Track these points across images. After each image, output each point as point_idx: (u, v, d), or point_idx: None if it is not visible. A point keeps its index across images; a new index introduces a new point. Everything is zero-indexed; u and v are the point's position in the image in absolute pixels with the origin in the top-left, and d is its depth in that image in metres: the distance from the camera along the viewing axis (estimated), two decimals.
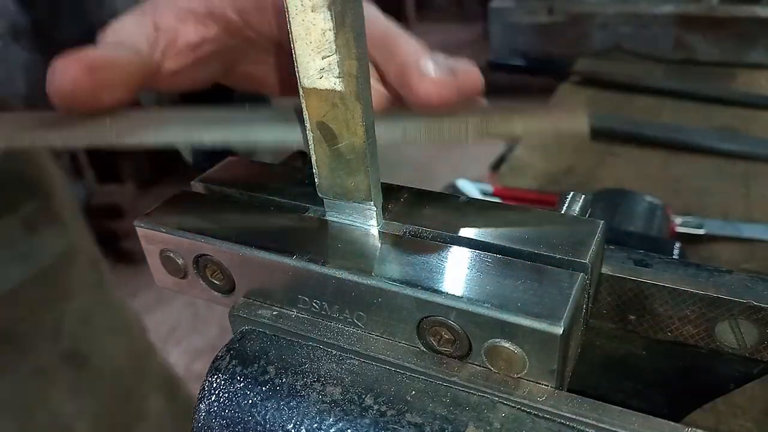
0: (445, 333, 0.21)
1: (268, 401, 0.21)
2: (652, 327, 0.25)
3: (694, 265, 0.24)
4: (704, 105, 0.91)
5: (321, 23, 0.20)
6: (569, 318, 0.19)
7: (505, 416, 0.20)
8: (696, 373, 0.25)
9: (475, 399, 0.20)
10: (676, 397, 0.27)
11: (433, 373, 0.21)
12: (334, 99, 0.22)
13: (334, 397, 0.21)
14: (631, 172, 0.77)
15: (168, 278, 0.27)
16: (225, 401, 0.22)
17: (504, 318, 0.20)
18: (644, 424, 0.19)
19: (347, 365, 0.22)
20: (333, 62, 0.21)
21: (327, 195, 0.25)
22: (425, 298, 0.21)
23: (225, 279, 0.25)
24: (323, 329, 0.23)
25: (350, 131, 0.22)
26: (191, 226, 0.26)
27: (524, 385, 0.20)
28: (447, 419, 0.20)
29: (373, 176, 0.23)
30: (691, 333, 0.24)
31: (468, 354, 0.21)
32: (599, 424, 0.19)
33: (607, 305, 0.25)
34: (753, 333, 0.23)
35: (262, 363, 0.22)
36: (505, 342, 0.20)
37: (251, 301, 0.25)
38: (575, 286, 0.20)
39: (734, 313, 0.23)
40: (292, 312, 0.24)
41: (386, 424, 0.20)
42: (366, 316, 0.23)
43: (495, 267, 0.22)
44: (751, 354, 0.23)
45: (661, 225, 0.58)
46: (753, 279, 0.23)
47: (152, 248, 0.27)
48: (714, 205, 0.69)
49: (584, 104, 0.83)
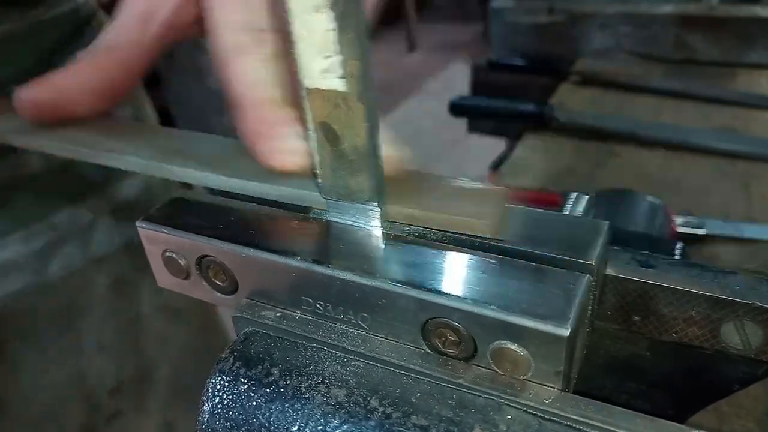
0: (450, 335, 0.21)
1: (272, 403, 0.21)
2: (657, 328, 0.25)
3: (699, 266, 0.24)
4: (704, 105, 0.91)
5: (323, 23, 0.20)
6: (575, 320, 0.19)
7: (511, 418, 0.20)
8: (701, 374, 0.25)
9: (481, 401, 0.20)
10: (681, 398, 0.26)
11: (438, 375, 0.21)
12: (336, 99, 0.22)
13: (339, 399, 0.21)
14: (631, 172, 0.77)
15: (170, 279, 0.27)
16: (229, 403, 0.22)
17: (510, 320, 0.19)
18: (649, 426, 0.19)
19: (352, 367, 0.22)
20: (335, 63, 0.21)
21: (330, 196, 0.25)
22: (430, 300, 0.21)
23: (228, 280, 0.25)
24: (327, 331, 0.23)
25: (353, 132, 0.22)
26: (193, 227, 0.25)
27: (530, 387, 0.20)
28: (453, 421, 0.19)
29: (377, 177, 0.23)
30: (696, 334, 0.24)
31: (473, 356, 0.21)
32: (605, 426, 0.19)
33: (611, 306, 0.25)
34: (758, 334, 0.23)
35: (266, 365, 0.22)
36: (510, 344, 0.20)
37: (254, 302, 0.25)
38: (581, 288, 0.20)
39: (739, 315, 0.23)
40: (295, 313, 0.24)
41: (391, 426, 0.20)
42: (370, 318, 0.22)
43: (500, 268, 0.22)
44: (756, 355, 0.23)
45: (663, 225, 0.58)
46: (758, 280, 0.23)
47: (154, 249, 0.27)
48: (714, 205, 0.69)
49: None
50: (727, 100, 0.91)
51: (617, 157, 0.80)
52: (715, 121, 0.87)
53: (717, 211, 0.67)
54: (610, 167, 0.78)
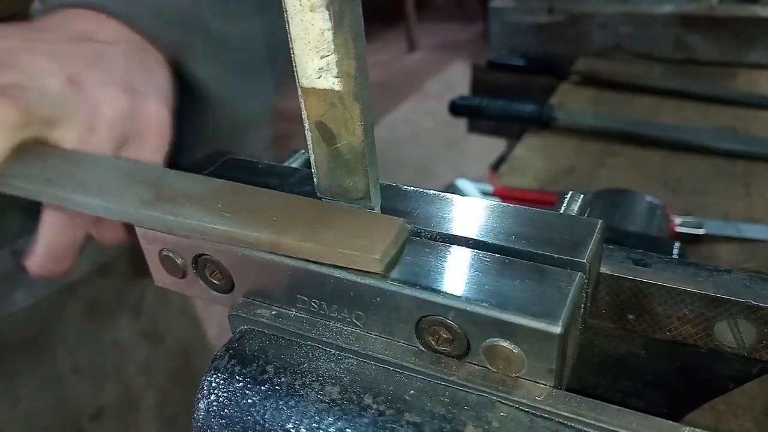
0: (443, 332, 0.21)
1: (267, 401, 0.21)
2: (651, 326, 0.25)
3: (693, 265, 0.24)
4: (704, 105, 0.91)
5: (319, 23, 0.20)
6: (567, 317, 0.19)
7: (503, 415, 0.20)
8: (695, 372, 0.25)
9: (474, 398, 0.20)
10: (675, 396, 0.27)
11: (431, 373, 0.21)
12: (332, 99, 0.22)
13: (333, 397, 0.21)
14: (631, 172, 0.77)
15: (167, 278, 0.27)
16: (224, 401, 0.22)
17: (502, 317, 0.20)
18: (643, 424, 0.19)
19: (346, 364, 0.22)
20: (331, 62, 0.21)
21: (325, 195, 0.25)
22: (424, 298, 0.21)
23: (224, 278, 0.25)
24: (322, 328, 0.23)
25: (349, 131, 0.22)
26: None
27: (523, 385, 0.20)
28: (446, 418, 0.20)
29: (372, 176, 0.23)
30: (690, 332, 0.24)
31: (466, 353, 0.21)
32: (598, 424, 0.19)
33: (605, 304, 0.25)
34: (752, 332, 0.23)
35: (261, 362, 0.22)
36: (503, 341, 0.20)
37: (250, 300, 0.25)
38: (573, 286, 0.20)
39: (733, 313, 0.23)
40: (291, 311, 0.24)
41: (385, 423, 0.20)
42: (365, 316, 0.23)
43: (493, 266, 0.22)
44: (750, 353, 0.23)
45: (661, 225, 0.58)
46: (752, 278, 0.23)
47: (151, 248, 0.27)
48: (714, 205, 0.69)
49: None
50: (727, 100, 0.91)
51: (617, 157, 0.80)
52: (715, 121, 0.87)
53: (717, 211, 0.67)
54: (610, 167, 0.78)
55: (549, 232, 0.23)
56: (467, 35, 3.90)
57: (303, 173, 0.29)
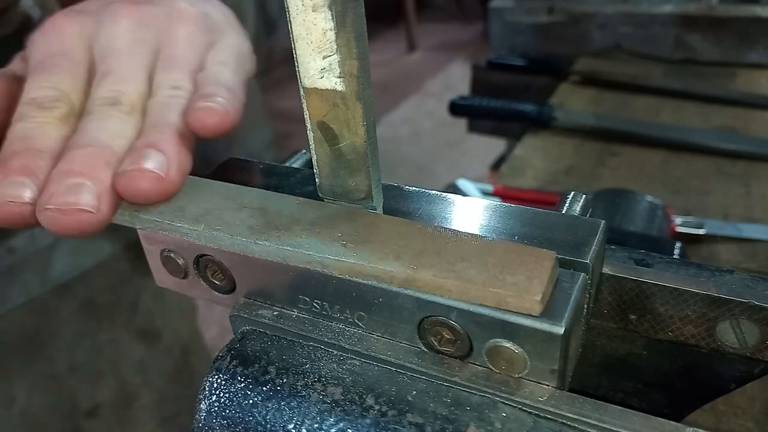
0: (446, 333, 0.21)
1: (268, 401, 0.21)
2: (653, 327, 0.25)
3: (696, 265, 0.24)
4: (704, 105, 0.91)
5: (322, 23, 0.20)
6: (570, 318, 0.19)
7: (506, 416, 0.20)
8: (697, 372, 0.25)
9: (477, 399, 0.20)
10: (677, 396, 0.27)
11: (434, 373, 0.21)
12: (335, 99, 0.22)
13: (335, 398, 0.21)
14: (631, 172, 0.77)
15: (169, 278, 0.27)
16: (226, 401, 0.22)
17: (505, 318, 0.20)
18: (645, 424, 0.19)
19: (348, 365, 0.22)
20: (334, 62, 0.21)
21: (328, 195, 0.25)
22: (426, 298, 0.21)
23: (225, 279, 0.25)
24: (324, 329, 0.23)
25: (351, 131, 0.22)
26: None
27: (525, 385, 0.20)
28: (448, 419, 0.20)
29: (374, 176, 0.23)
30: (692, 333, 0.24)
31: (469, 354, 0.21)
32: (600, 424, 0.19)
33: (608, 305, 0.25)
34: (754, 333, 0.23)
35: (263, 363, 0.22)
36: (506, 342, 0.20)
37: (252, 301, 0.25)
38: (576, 286, 0.20)
39: (735, 313, 0.23)
40: (292, 312, 0.24)
41: (387, 424, 0.20)
42: (367, 316, 0.23)
43: None
44: (752, 354, 0.23)
45: (662, 225, 0.58)
46: (754, 279, 0.23)
47: (153, 248, 0.27)
48: (714, 204, 0.69)
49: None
50: (727, 100, 0.91)
51: (617, 157, 0.80)
52: (715, 121, 0.87)
53: (717, 211, 0.67)
54: (610, 167, 0.78)
55: (551, 233, 0.23)
56: (467, 35, 3.90)
57: (304, 173, 0.29)
